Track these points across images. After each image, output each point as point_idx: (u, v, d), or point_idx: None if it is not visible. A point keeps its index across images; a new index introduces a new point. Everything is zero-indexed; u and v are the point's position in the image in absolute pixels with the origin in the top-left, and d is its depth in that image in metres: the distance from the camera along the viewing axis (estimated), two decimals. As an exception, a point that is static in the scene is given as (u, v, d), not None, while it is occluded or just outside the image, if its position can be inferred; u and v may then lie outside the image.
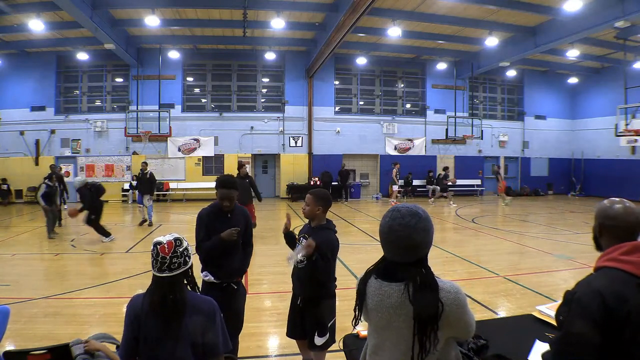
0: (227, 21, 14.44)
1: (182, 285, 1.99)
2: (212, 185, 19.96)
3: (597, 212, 1.65)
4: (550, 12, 12.65)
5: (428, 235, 1.54)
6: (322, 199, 3.00)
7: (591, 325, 1.35)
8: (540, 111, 21.07)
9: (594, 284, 1.42)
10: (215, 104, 18.61)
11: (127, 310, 2.03)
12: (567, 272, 6.75)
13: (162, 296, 1.93)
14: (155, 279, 1.98)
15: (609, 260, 1.48)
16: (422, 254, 1.54)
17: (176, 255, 1.96)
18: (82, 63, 17.26)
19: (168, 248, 1.95)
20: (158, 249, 1.95)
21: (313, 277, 2.88)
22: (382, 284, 1.56)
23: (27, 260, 7.55)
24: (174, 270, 1.95)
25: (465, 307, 1.49)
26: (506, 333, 2.39)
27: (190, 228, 12.62)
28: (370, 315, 1.60)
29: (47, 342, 2.80)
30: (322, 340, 2.94)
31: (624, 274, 1.41)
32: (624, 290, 1.37)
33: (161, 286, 1.95)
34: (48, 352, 2.28)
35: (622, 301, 1.35)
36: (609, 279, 1.42)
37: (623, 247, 1.48)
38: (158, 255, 1.95)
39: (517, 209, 15.10)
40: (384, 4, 12.69)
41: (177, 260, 1.96)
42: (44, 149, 17.20)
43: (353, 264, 6.95)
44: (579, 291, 1.44)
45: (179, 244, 2.00)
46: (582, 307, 1.38)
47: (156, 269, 1.96)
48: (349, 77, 19.51)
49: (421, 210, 1.58)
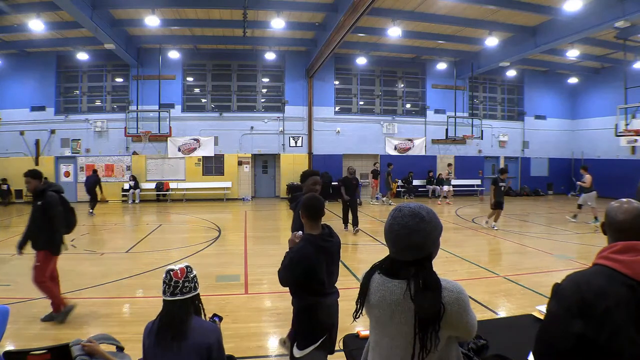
0: (227, 21, 14.43)
1: (190, 309, 2.16)
2: (212, 185, 19.88)
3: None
4: (550, 12, 12.65)
5: (429, 236, 1.53)
6: (304, 208, 2.72)
7: (565, 311, 1.42)
8: (540, 111, 21.07)
9: (576, 278, 1.50)
10: (215, 104, 18.61)
11: (143, 336, 2.18)
12: (567, 272, 6.70)
13: (171, 318, 2.07)
14: (166, 303, 2.12)
15: (601, 258, 1.52)
16: (423, 254, 1.53)
17: (187, 280, 2.15)
18: (82, 63, 17.26)
19: (181, 274, 2.14)
20: (171, 275, 2.13)
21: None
22: (386, 280, 1.56)
23: (27, 260, 7.53)
24: (185, 294, 2.12)
25: (467, 308, 1.49)
26: (506, 333, 2.39)
27: (190, 228, 12.59)
28: (372, 310, 1.60)
29: (47, 342, 2.80)
30: (299, 353, 2.66)
31: (610, 271, 1.44)
32: (606, 286, 1.40)
33: (172, 309, 2.09)
34: (48, 352, 2.29)
35: (601, 296, 1.38)
36: (593, 274, 1.47)
37: (616, 246, 1.50)
38: (171, 280, 2.11)
39: (517, 209, 15.10)
40: (384, 4, 12.68)
41: (188, 284, 2.15)
42: (44, 149, 17.20)
43: (353, 264, 6.95)
44: (563, 282, 1.53)
45: (190, 270, 2.20)
46: (560, 295, 1.48)
47: (168, 293, 2.11)
48: (349, 77, 19.50)
49: (425, 211, 1.55)
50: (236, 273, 6.61)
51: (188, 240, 9.79)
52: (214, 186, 17.92)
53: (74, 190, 17.35)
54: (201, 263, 7.21)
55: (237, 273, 6.60)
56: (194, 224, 12.02)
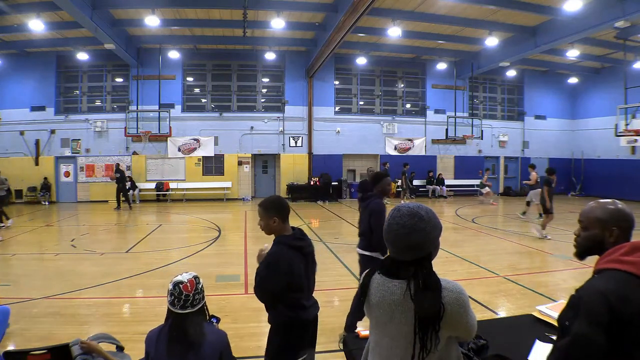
0: (227, 21, 14.43)
1: (201, 319, 2.12)
2: (212, 185, 19.85)
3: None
4: (550, 12, 12.65)
5: (428, 236, 1.52)
6: (272, 208, 2.46)
7: (598, 329, 1.33)
8: (540, 111, 21.08)
9: (599, 287, 1.40)
10: (215, 104, 18.61)
11: (145, 345, 2.13)
12: (567, 272, 6.75)
13: (184, 331, 2.03)
14: (176, 316, 2.06)
15: (612, 262, 1.47)
16: (423, 253, 1.53)
17: (197, 291, 2.10)
18: (82, 63, 17.26)
19: (190, 287, 2.08)
20: (181, 288, 2.05)
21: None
22: (386, 280, 1.56)
23: (27, 260, 7.55)
24: (195, 306, 2.08)
25: (467, 308, 1.48)
26: (506, 333, 2.39)
27: (190, 228, 12.55)
28: (372, 310, 1.60)
29: (47, 342, 2.80)
30: None
31: (626, 275, 1.41)
32: (627, 292, 1.36)
33: (184, 323, 2.04)
34: (48, 352, 2.29)
35: (627, 303, 1.34)
36: (613, 281, 1.40)
37: (623, 248, 1.47)
38: (181, 294, 2.05)
39: (517, 209, 15.09)
40: (384, 4, 12.69)
41: (198, 296, 2.10)
42: (44, 149, 17.20)
43: (353, 264, 6.94)
44: (584, 295, 1.41)
45: (198, 281, 2.14)
46: (589, 311, 1.36)
47: (178, 306, 2.05)
48: (349, 77, 19.51)
49: (424, 211, 1.55)
50: (236, 273, 6.61)
51: (188, 240, 9.79)
52: (214, 186, 17.92)
53: (74, 190, 17.37)
54: (201, 263, 7.21)
55: (237, 273, 6.60)
56: (194, 224, 12.02)
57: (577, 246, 1.65)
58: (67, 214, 14.01)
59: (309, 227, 11.26)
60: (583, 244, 1.62)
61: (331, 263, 7.26)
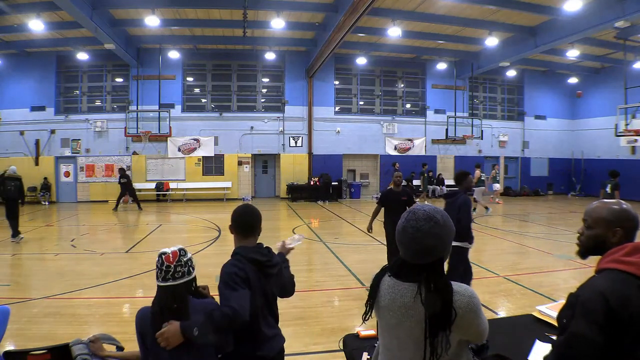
0: (227, 21, 14.43)
1: (185, 295, 2.03)
2: (212, 185, 19.86)
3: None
4: (550, 12, 12.65)
5: (442, 241, 1.50)
6: (233, 219, 2.41)
7: (595, 328, 1.34)
8: (540, 111, 21.07)
9: (598, 286, 1.41)
10: (215, 104, 18.61)
11: (136, 323, 2.07)
12: (567, 272, 6.75)
13: (165, 305, 1.96)
14: (159, 289, 2.00)
15: (613, 262, 1.47)
16: (435, 257, 1.51)
17: (180, 264, 2.01)
18: (82, 63, 17.26)
19: (173, 257, 2.00)
20: (163, 259, 1.99)
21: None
22: (396, 283, 1.54)
23: (27, 260, 7.55)
24: (177, 279, 1.99)
25: (478, 312, 1.47)
26: (506, 333, 2.39)
27: (190, 228, 12.54)
28: (381, 313, 1.59)
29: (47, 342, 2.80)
30: None
31: (625, 275, 1.40)
32: (627, 292, 1.36)
33: (165, 295, 1.98)
34: (48, 352, 2.28)
35: (625, 303, 1.34)
36: (612, 281, 1.40)
37: (625, 248, 1.47)
38: (163, 265, 1.98)
39: (517, 209, 15.10)
40: (384, 4, 12.68)
41: (181, 269, 2.00)
42: (44, 149, 17.19)
43: (353, 264, 6.94)
44: (582, 294, 1.42)
45: (184, 254, 2.04)
46: (586, 309, 1.37)
47: (160, 278, 1.98)
48: (349, 77, 19.50)
49: (440, 215, 1.53)
50: (236, 273, 6.59)
51: (188, 240, 9.79)
52: (214, 186, 17.92)
53: (74, 190, 17.37)
54: (201, 263, 7.18)
55: (237, 273, 6.59)
56: (194, 224, 12.02)
57: (580, 245, 1.64)
58: (67, 214, 14.01)
59: (309, 227, 11.25)
60: (586, 243, 1.61)
61: (331, 263, 7.25)
